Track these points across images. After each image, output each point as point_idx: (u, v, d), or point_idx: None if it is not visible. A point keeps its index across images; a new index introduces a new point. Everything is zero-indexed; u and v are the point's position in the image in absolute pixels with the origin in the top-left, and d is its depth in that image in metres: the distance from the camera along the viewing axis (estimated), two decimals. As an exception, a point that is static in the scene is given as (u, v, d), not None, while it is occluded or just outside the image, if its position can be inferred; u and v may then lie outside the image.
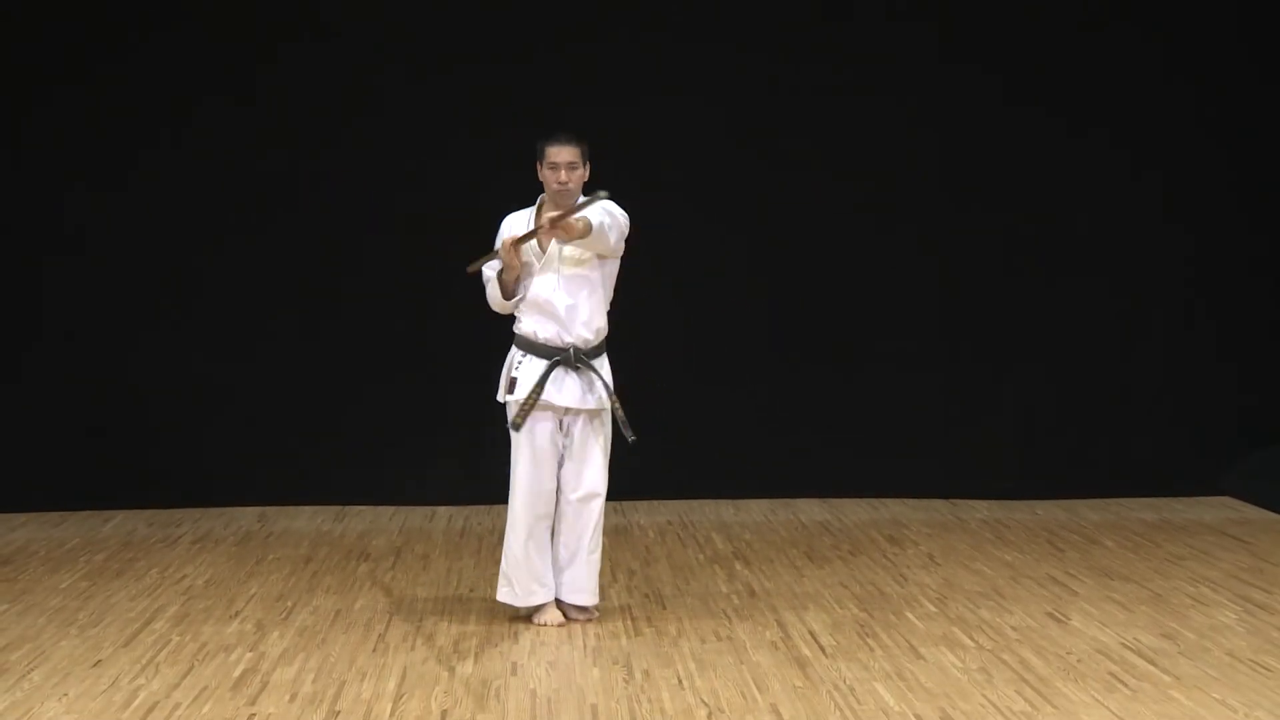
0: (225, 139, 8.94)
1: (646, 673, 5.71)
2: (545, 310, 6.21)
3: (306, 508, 8.93)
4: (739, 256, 9.14)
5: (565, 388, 6.22)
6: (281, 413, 9.03)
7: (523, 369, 6.22)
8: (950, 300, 9.18)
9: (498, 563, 7.50)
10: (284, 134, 8.95)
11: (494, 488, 8.96)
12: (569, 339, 6.22)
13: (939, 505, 8.98)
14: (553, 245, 6.17)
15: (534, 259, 6.20)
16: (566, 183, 6.16)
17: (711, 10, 9.05)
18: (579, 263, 6.20)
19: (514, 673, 5.71)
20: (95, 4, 8.86)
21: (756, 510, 8.88)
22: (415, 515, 8.80)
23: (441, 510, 8.92)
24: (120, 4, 8.88)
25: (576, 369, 6.22)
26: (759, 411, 9.20)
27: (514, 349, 6.31)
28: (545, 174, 6.23)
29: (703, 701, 5.37)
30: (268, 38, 8.93)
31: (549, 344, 6.21)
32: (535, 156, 6.29)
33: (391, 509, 8.93)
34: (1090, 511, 8.79)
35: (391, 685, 5.58)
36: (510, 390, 6.25)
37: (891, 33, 9.10)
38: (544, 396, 6.19)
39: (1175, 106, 9.17)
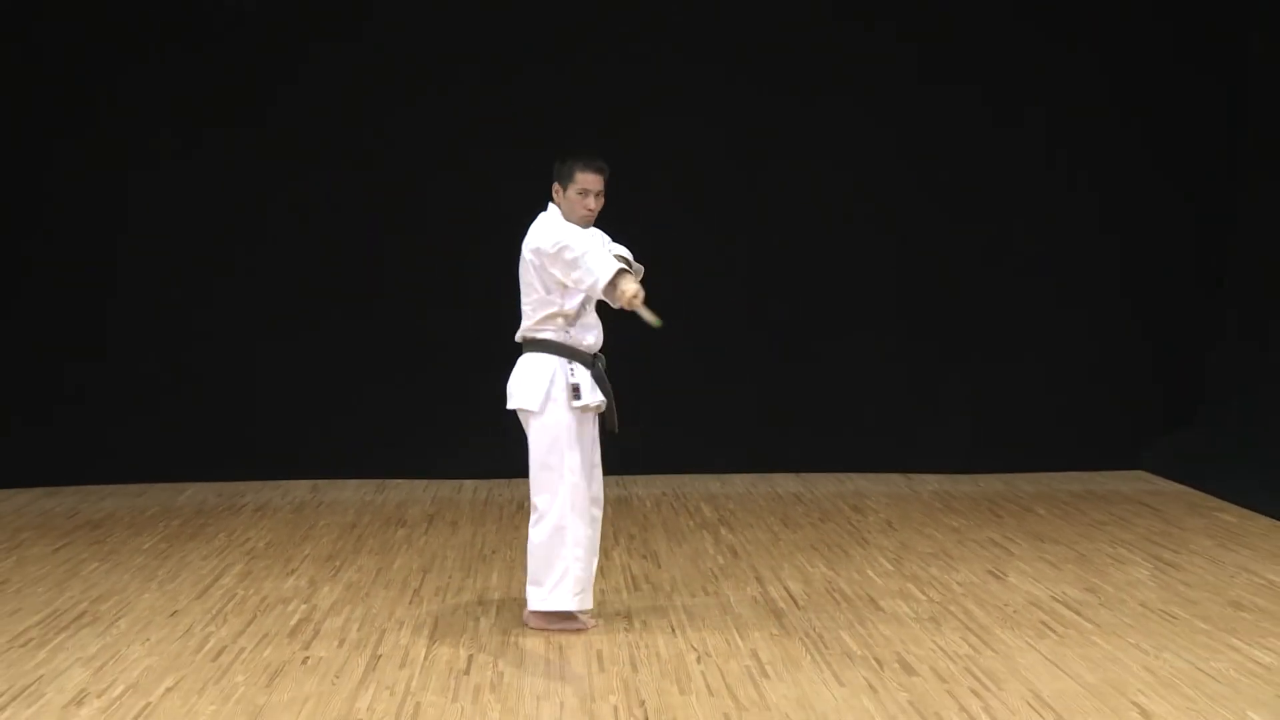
0: (281, 131, 8.77)
1: (644, 622, 5.72)
2: (595, 322, 5.63)
3: (352, 481, 8.91)
4: (726, 263, 9.08)
5: (601, 386, 5.62)
6: (330, 397, 8.98)
7: (579, 374, 5.52)
8: (908, 302, 9.13)
9: (516, 527, 7.56)
10: (333, 128, 8.79)
11: (514, 463, 8.95)
12: (599, 344, 5.70)
13: (896, 479, 8.97)
14: None
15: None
16: (594, 210, 5.51)
17: (709, 18, 8.89)
18: None
19: (530, 623, 5.72)
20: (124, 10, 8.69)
21: (739, 483, 8.86)
22: (445, 487, 8.78)
23: (468, 483, 8.89)
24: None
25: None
26: (743, 398, 9.14)
27: (553, 357, 5.53)
28: (572, 197, 5.47)
29: (692, 647, 5.40)
30: (294, 44, 8.72)
31: (591, 350, 5.60)
32: (557, 174, 5.53)
33: (425, 482, 8.91)
34: (1025, 484, 8.78)
35: (425, 633, 5.60)
36: (576, 395, 5.49)
37: (869, 48, 8.93)
38: (598, 398, 5.56)
39: (1112, 133, 9.12)
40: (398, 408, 9.03)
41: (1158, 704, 4.77)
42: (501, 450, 8.94)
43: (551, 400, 5.53)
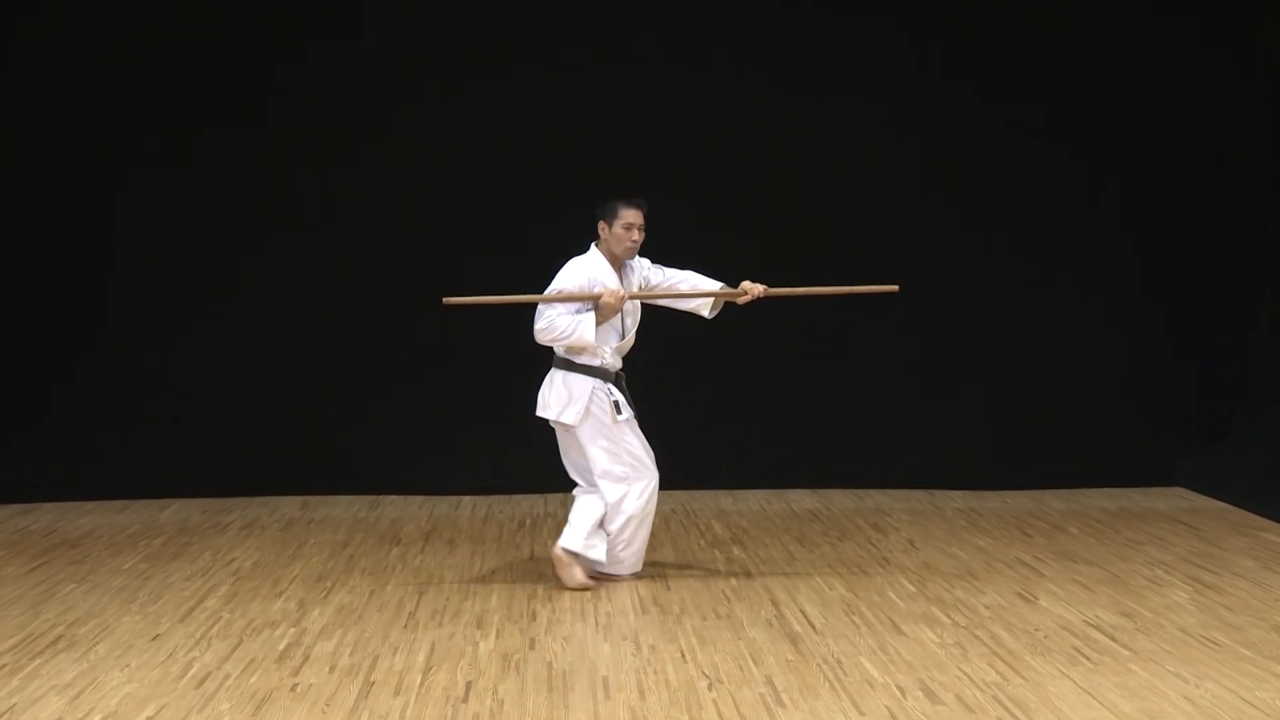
0: (273, 146, 8.86)
1: (653, 647, 5.70)
2: (624, 350, 6.75)
3: (344, 497, 8.92)
4: (739, 270, 9.06)
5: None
6: (322, 410, 9.01)
7: (615, 391, 6.65)
8: (929, 308, 9.14)
9: (517, 545, 7.57)
10: (328, 142, 8.87)
11: (514, 479, 8.99)
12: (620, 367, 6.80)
13: (918, 495, 8.96)
14: (635, 302, 6.72)
15: (625, 313, 6.67)
16: (638, 242, 6.61)
17: (711, 23, 8.97)
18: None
19: (532, 647, 5.71)
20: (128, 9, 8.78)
21: (753, 499, 8.86)
22: (443, 504, 8.78)
23: (466, 499, 8.89)
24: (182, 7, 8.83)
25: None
26: (756, 409, 9.17)
27: (586, 378, 6.60)
28: (618, 232, 6.58)
29: (703, 674, 5.37)
30: (296, 46, 8.84)
31: (614, 370, 6.70)
32: (601, 213, 6.57)
33: (421, 498, 8.92)
34: (1056, 501, 8.77)
35: (421, 658, 5.58)
36: (619, 410, 6.61)
37: (880, 50, 9.00)
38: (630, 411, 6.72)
39: (1142, 137, 9.13)
40: (392, 420, 9.04)
41: (1198, 735, 4.73)
42: (502, 465, 9.02)
43: (591, 416, 6.58)
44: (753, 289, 6.79)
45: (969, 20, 9.01)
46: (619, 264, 6.69)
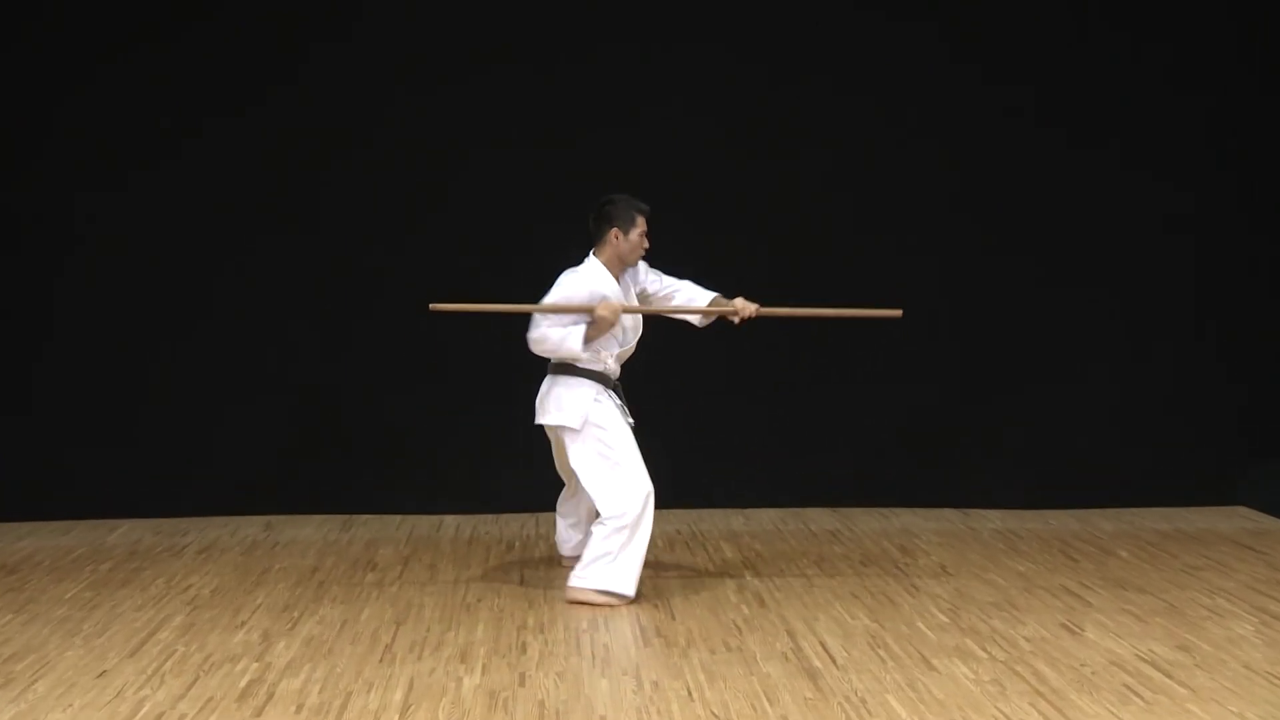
0: (242, 149, 8.95)
1: (655, 684, 5.67)
2: (624, 357, 7.08)
3: (313, 517, 8.90)
4: (750, 271, 9.10)
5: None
6: (289, 422, 9.00)
7: (611, 396, 6.98)
8: (959, 312, 9.15)
9: (505, 570, 7.56)
10: (300, 146, 8.95)
11: (501, 498, 8.98)
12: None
13: (950, 515, 8.95)
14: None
15: (624, 323, 6.99)
16: (647, 247, 7.03)
17: (712, 19, 9.10)
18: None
19: (522, 683, 5.67)
20: (125, 6, 8.92)
21: (766, 519, 8.85)
22: (422, 524, 8.76)
23: (449, 519, 8.88)
24: (148, 7, 8.94)
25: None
26: (769, 421, 9.18)
27: (588, 381, 6.91)
28: (634, 238, 6.95)
29: (712, 713, 5.33)
30: (293, 44, 8.98)
31: (614, 376, 7.04)
32: (615, 219, 6.90)
33: (398, 518, 8.90)
34: (1104, 521, 8.76)
35: (398, 696, 5.54)
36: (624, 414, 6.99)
37: (898, 43, 9.11)
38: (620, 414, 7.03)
39: (1179, 131, 9.17)
40: (366, 433, 9.05)
41: (1268, 784, 4.68)
42: (486, 483, 8.99)
43: (590, 422, 6.84)
44: (745, 309, 7.04)
45: (970, 19, 9.12)
46: (620, 271, 6.99)
